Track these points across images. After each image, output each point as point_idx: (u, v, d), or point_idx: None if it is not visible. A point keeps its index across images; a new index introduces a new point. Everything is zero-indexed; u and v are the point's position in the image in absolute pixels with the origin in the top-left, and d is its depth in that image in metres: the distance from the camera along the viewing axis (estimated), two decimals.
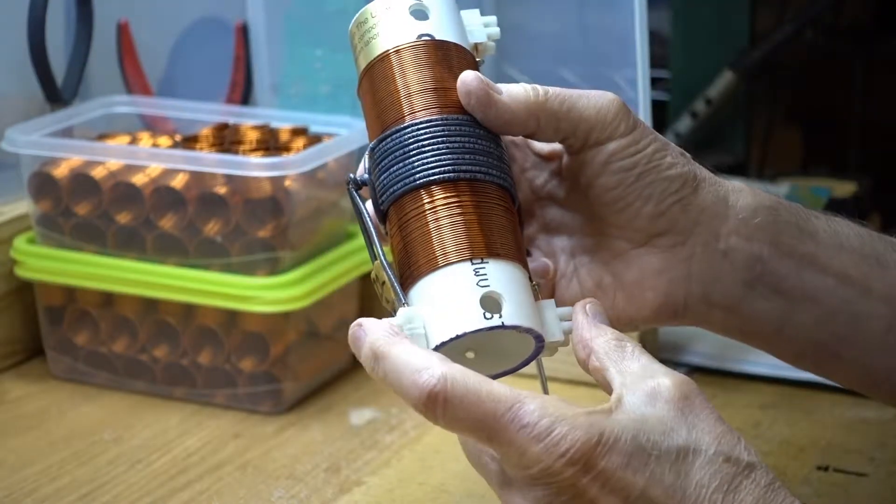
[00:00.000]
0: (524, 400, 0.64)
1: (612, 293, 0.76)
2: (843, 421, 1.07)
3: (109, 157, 1.11)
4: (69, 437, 1.04)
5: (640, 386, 0.67)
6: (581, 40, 1.16)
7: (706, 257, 0.76)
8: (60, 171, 1.11)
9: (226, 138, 1.15)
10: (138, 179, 1.09)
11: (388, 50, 0.73)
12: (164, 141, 1.16)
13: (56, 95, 1.22)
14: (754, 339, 0.79)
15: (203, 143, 1.14)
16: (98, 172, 1.10)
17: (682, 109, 1.44)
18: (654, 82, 1.17)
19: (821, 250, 0.77)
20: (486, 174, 0.71)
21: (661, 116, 1.41)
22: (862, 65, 1.56)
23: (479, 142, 0.72)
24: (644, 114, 1.11)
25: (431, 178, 0.70)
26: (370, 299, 1.19)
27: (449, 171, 0.70)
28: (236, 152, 1.12)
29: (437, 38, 0.73)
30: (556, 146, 0.78)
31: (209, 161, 1.09)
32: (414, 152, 0.70)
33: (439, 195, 0.70)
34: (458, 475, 0.99)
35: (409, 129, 0.71)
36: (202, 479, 0.98)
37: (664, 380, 0.67)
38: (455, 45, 0.74)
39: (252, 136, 1.14)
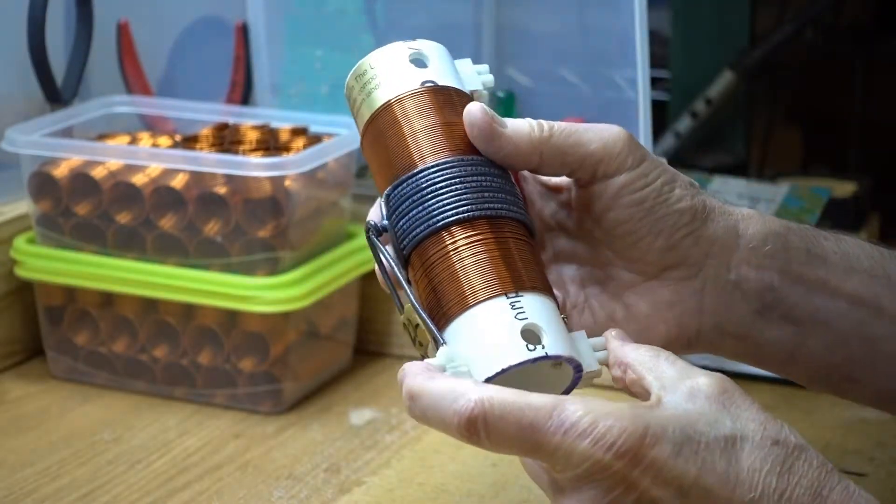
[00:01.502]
0: (565, 403, 0.64)
1: (624, 325, 0.76)
2: (843, 421, 1.07)
3: (109, 157, 1.11)
4: (69, 438, 1.04)
5: (679, 386, 0.66)
6: (581, 40, 1.16)
7: (717, 289, 0.76)
8: (60, 171, 1.11)
9: (226, 138, 1.15)
10: (138, 179, 1.09)
11: (392, 99, 0.74)
12: (164, 141, 1.16)
13: (56, 95, 1.22)
14: (767, 365, 0.79)
15: (203, 143, 1.14)
16: (98, 172, 1.10)
17: (682, 109, 1.43)
18: (654, 82, 1.17)
19: (831, 274, 0.77)
20: (506, 210, 0.71)
21: (661, 116, 1.41)
22: (862, 65, 1.55)
23: (494, 179, 0.72)
24: (644, 114, 1.11)
25: (451, 219, 0.70)
26: (370, 299, 1.19)
27: (468, 211, 0.70)
28: (236, 152, 1.12)
29: (439, 83, 0.74)
30: (564, 178, 0.78)
31: (209, 161, 1.09)
32: (430, 195, 0.71)
33: (461, 235, 0.70)
34: (458, 475, 0.99)
35: (423, 173, 0.72)
36: (202, 479, 0.98)
37: (702, 378, 0.67)
38: (456, 90, 0.75)
39: (252, 136, 1.14)
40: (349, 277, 1.14)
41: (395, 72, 0.74)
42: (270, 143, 1.14)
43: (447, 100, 0.74)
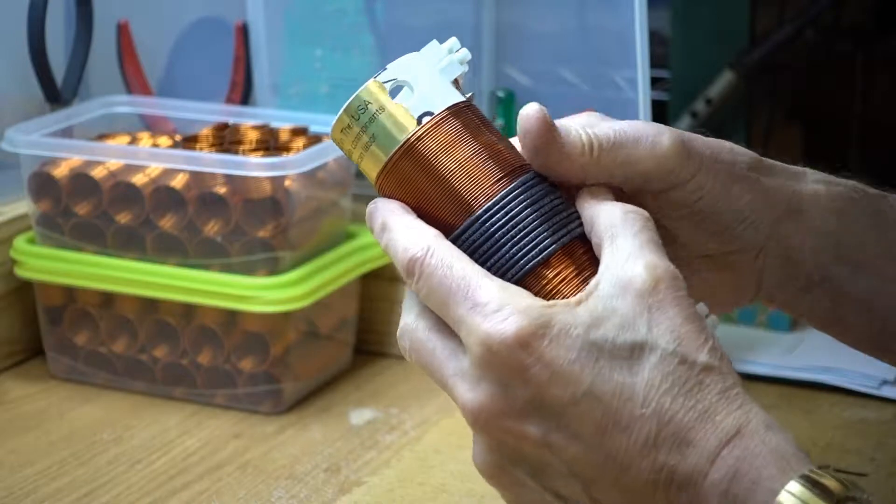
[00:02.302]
0: (484, 283, 0.65)
1: None
2: (843, 421, 1.07)
3: (109, 157, 1.11)
4: (69, 437, 1.04)
5: (619, 272, 0.65)
6: (581, 40, 1.16)
7: (775, 267, 0.76)
8: (60, 171, 1.11)
9: (226, 138, 1.14)
10: (138, 179, 1.09)
11: (404, 144, 0.69)
12: (164, 141, 1.16)
13: (56, 95, 1.22)
14: (812, 325, 0.80)
15: (203, 143, 1.14)
16: (98, 172, 1.10)
17: (682, 109, 1.43)
18: (654, 82, 1.17)
19: (881, 254, 0.77)
20: (573, 226, 0.69)
21: (661, 116, 1.41)
22: (862, 65, 1.55)
23: (552, 198, 0.69)
24: (644, 114, 1.11)
25: (536, 260, 0.68)
26: (370, 299, 1.19)
27: (549, 246, 0.68)
28: (236, 152, 1.12)
29: (439, 110, 0.70)
30: None
31: (209, 161, 1.09)
32: (506, 241, 0.68)
33: (549, 274, 0.68)
34: (458, 475, 0.99)
35: (486, 218, 0.68)
36: (202, 479, 0.98)
37: (640, 269, 0.65)
38: (463, 104, 0.70)
39: (252, 136, 1.14)
40: (349, 277, 1.14)
41: (396, 111, 0.70)
42: (270, 143, 1.14)
43: (462, 123, 0.70)
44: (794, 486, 0.61)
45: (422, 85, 0.70)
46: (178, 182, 1.09)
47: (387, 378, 1.15)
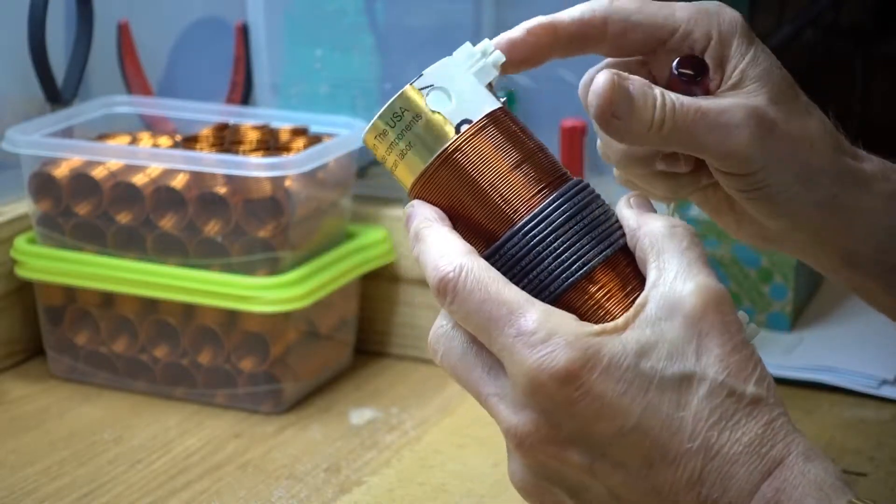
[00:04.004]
0: (530, 308, 0.63)
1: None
2: (843, 421, 1.07)
3: (109, 157, 1.11)
4: (69, 437, 1.04)
5: (667, 293, 0.63)
6: None
7: (841, 232, 0.77)
8: (60, 171, 1.11)
9: (226, 138, 1.15)
10: (138, 179, 1.09)
11: (443, 152, 0.68)
12: (165, 141, 1.16)
13: (56, 95, 1.22)
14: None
15: (203, 143, 1.14)
16: (98, 172, 1.10)
17: None
18: None
19: None
20: (616, 238, 0.67)
21: None
22: (862, 65, 1.55)
23: (592, 208, 0.68)
24: None
25: (578, 277, 0.66)
26: (370, 299, 1.19)
27: (591, 259, 0.66)
28: (236, 152, 1.12)
29: (477, 117, 0.68)
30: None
31: (209, 161, 1.09)
32: (547, 255, 0.66)
33: (592, 288, 0.66)
34: (458, 475, 0.99)
35: (525, 231, 0.67)
36: (202, 479, 0.98)
37: (690, 290, 0.63)
38: (500, 111, 0.69)
39: (252, 136, 1.14)
40: (349, 277, 1.14)
41: (433, 119, 0.68)
42: (270, 144, 1.14)
43: (501, 131, 0.68)
44: None
45: (459, 91, 0.68)
46: (178, 182, 1.09)
47: (387, 378, 1.16)
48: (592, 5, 0.73)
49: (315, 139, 1.15)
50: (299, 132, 1.16)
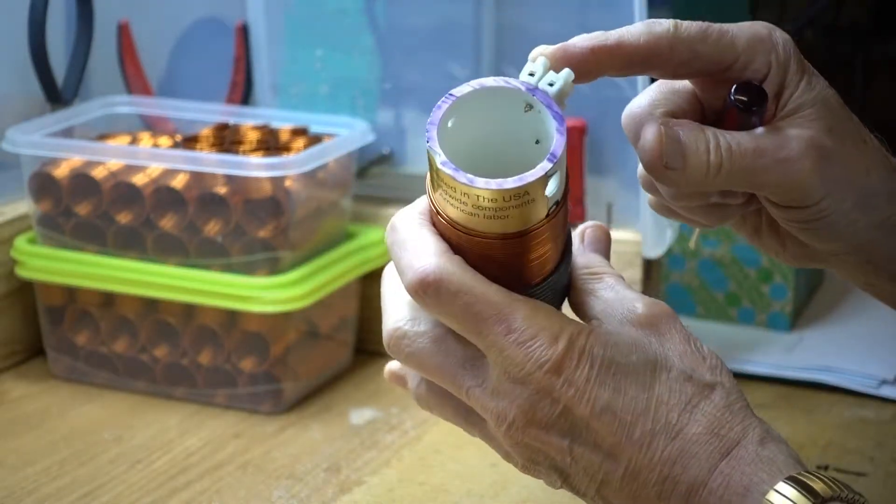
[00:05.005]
0: (515, 309, 0.66)
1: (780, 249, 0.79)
2: (843, 421, 1.07)
3: (109, 157, 1.11)
4: (69, 437, 1.04)
5: (616, 311, 0.69)
6: None
7: (893, 251, 0.76)
8: (61, 171, 1.11)
9: (226, 138, 1.15)
10: (138, 179, 1.10)
11: (523, 231, 0.67)
12: (165, 141, 1.16)
13: (56, 95, 1.22)
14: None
15: (203, 143, 1.14)
16: (98, 172, 1.10)
17: None
18: (654, 82, 1.17)
19: None
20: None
21: None
22: (862, 65, 1.55)
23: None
24: None
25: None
26: (370, 299, 1.19)
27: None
28: (236, 152, 1.12)
29: (560, 194, 0.67)
30: None
31: (209, 161, 1.09)
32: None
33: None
34: (458, 475, 0.99)
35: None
36: (202, 479, 0.98)
37: (637, 305, 0.68)
38: (566, 188, 0.68)
39: (252, 136, 1.14)
40: (349, 277, 1.14)
41: (540, 203, 0.66)
42: (270, 144, 1.14)
43: (563, 213, 0.68)
44: (783, 487, 0.64)
45: (561, 170, 0.67)
46: (178, 182, 1.09)
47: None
48: (656, 30, 0.71)
49: (315, 139, 1.15)
50: (299, 132, 1.16)
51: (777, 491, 0.64)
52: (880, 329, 1.21)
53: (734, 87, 0.71)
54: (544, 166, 0.65)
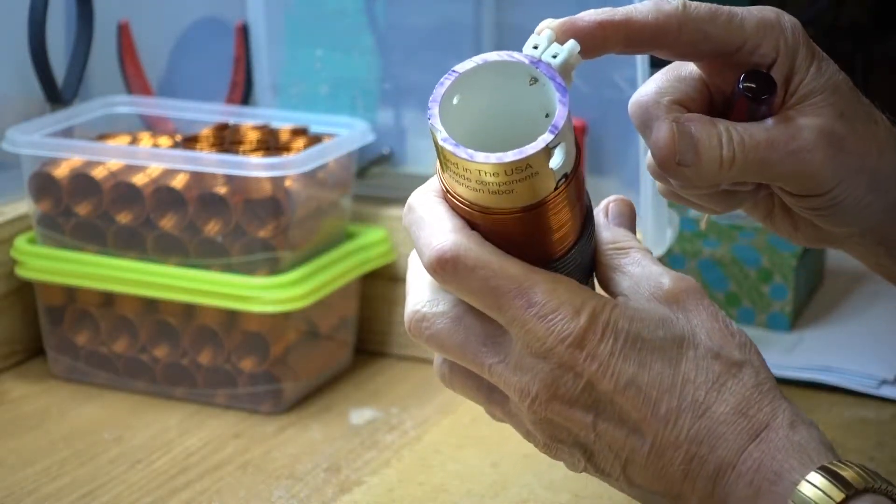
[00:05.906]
0: (536, 282, 0.65)
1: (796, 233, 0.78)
2: (843, 421, 1.07)
3: (109, 157, 1.11)
4: (69, 437, 1.04)
5: (642, 287, 0.67)
6: None
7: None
8: (61, 171, 1.11)
9: (226, 138, 1.15)
10: (138, 179, 1.10)
11: (533, 204, 0.66)
12: (165, 141, 1.16)
13: (56, 95, 1.22)
14: None
15: (203, 143, 1.14)
16: (98, 172, 1.10)
17: None
18: None
19: None
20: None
21: None
22: (862, 65, 1.55)
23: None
24: None
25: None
26: (370, 299, 1.19)
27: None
28: (236, 152, 1.12)
29: (570, 167, 0.66)
30: None
31: (209, 161, 1.09)
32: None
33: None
34: (458, 475, 0.99)
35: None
36: (202, 479, 0.98)
37: (664, 280, 0.67)
38: (579, 157, 0.68)
39: (252, 136, 1.14)
40: (349, 277, 1.14)
41: (546, 176, 0.65)
42: (270, 144, 1.14)
43: (577, 183, 0.67)
44: (815, 477, 0.63)
45: (567, 137, 0.66)
46: (178, 182, 1.09)
47: (387, 378, 1.16)
48: (665, 8, 0.70)
49: (315, 139, 1.15)
50: (299, 132, 1.16)
51: (808, 481, 0.63)
52: (880, 329, 1.21)
53: (742, 75, 0.71)
54: (545, 138, 0.64)
